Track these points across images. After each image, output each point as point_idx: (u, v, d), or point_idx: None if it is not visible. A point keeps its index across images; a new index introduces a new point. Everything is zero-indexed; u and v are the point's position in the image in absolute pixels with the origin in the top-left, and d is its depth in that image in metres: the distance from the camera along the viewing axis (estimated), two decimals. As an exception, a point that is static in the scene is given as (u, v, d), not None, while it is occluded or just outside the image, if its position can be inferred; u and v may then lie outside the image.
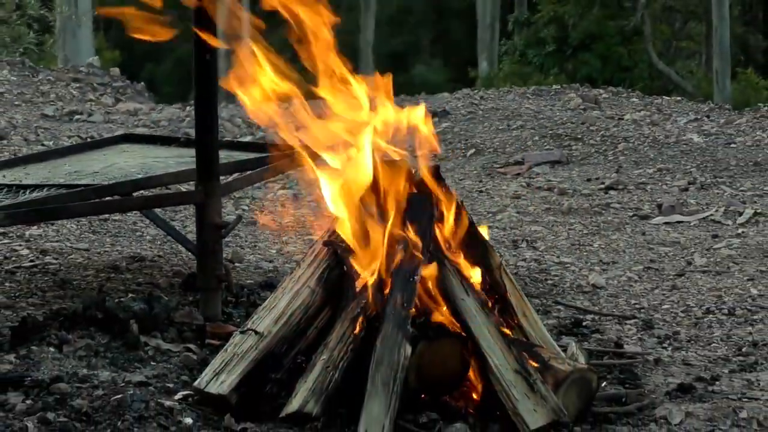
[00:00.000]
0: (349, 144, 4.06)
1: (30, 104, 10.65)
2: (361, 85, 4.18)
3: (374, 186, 3.98)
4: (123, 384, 4.00)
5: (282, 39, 4.24)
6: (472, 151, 9.46)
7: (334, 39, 4.21)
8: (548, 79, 22.07)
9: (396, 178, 3.98)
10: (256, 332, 3.86)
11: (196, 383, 3.90)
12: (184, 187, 5.57)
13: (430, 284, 3.91)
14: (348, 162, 4.04)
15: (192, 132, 5.13)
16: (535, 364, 3.84)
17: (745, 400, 4.07)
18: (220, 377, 3.82)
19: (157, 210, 5.46)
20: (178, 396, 3.92)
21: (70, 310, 4.65)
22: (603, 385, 4.08)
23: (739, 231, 6.77)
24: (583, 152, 9.27)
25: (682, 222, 7.05)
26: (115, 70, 13.90)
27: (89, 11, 19.59)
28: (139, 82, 14.08)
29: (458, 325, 3.87)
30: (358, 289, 3.90)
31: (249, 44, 4.24)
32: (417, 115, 4.16)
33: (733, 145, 9.18)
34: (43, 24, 15.95)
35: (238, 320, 4.53)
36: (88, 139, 8.31)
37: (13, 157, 7.35)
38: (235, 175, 5.42)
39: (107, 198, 5.02)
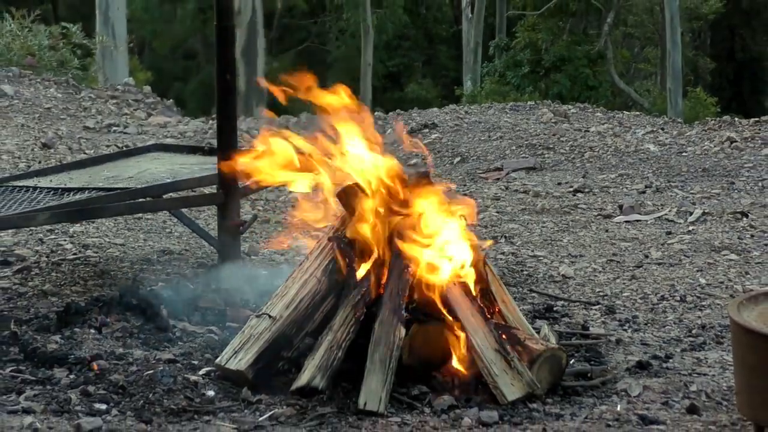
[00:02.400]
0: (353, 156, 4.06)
1: (74, 118, 10.64)
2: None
3: (374, 189, 3.98)
4: (154, 361, 4.00)
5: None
6: (458, 158, 9.46)
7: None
8: (524, 96, 22.07)
9: (392, 182, 3.98)
10: (270, 316, 3.87)
11: (217, 360, 3.91)
12: (207, 190, 5.57)
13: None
14: (352, 168, 4.05)
15: (214, 142, 5.13)
16: (513, 344, 3.84)
17: (695, 375, 4.07)
18: (239, 355, 3.82)
19: (184, 210, 5.45)
20: (202, 371, 3.92)
21: (108, 297, 4.66)
22: (571, 362, 4.08)
23: (690, 228, 6.77)
24: (554, 160, 9.27)
25: (640, 220, 7.05)
26: (147, 89, 13.89)
27: (125, 37, 19.61)
28: (168, 99, 14.07)
29: (446, 310, 3.87)
30: (358, 279, 3.91)
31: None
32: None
33: (684, 154, 9.18)
34: (85, 50, 15.95)
35: (254, 306, 4.53)
36: (124, 148, 8.30)
37: (58, 164, 7.35)
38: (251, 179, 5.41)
39: (140, 199, 5.03)
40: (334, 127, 4.11)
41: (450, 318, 3.84)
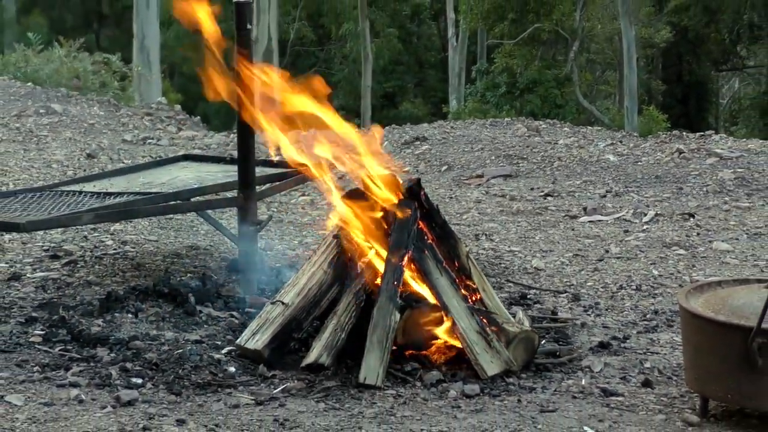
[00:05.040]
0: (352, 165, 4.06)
1: (114, 132, 10.62)
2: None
3: (371, 193, 3.98)
4: (183, 342, 4.00)
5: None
6: (445, 167, 9.44)
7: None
8: (502, 113, 22.05)
9: (388, 187, 3.97)
10: (283, 303, 3.86)
11: (237, 341, 3.90)
12: (229, 194, 5.56)
13: (413, 267, 3.91)
14: (351, 175, 4.05)
15: (235, 153, 5.12)
16: (492, 327, 3.84)
17: (649, 354, 4.08)
18: (256, 336, 3.82)
19: (209, 211, 5.45)
20: (225, 351, 3.92)
21: (143, 286, 4.65)
22: (542, 342, 4.08)
23: (644, 227, 6.77)
24: (527, 168, 9.25)
25: (601, 220, 7.04)
26: (178, 107, 13.86)
27: (158, 63, 19.61)
28: (195, 116, 14.05)
29: (434, 297, 3.87)
30: (359, 271, 3.90)
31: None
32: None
33: (639, 163, 9.17)
34: (123, 75, 15.93)
35: (269, 294, 4.53)
36: (157, 158, 8.28)
37: (100, 171, 7.33)
38: (267, 185, 5.41)
39: (171, 202, 5.02)
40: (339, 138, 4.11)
41: (438, 305, 3.84)
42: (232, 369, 3.73)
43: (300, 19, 31.88)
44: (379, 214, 3.95)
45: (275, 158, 5.12)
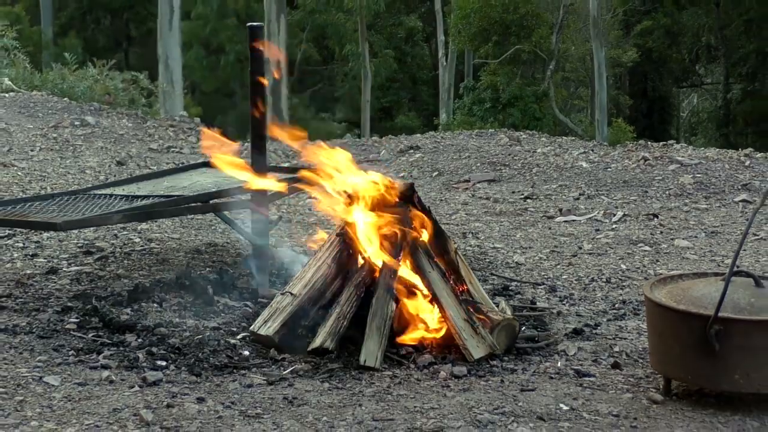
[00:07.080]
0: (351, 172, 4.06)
1: (141, 142, 10.60)
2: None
3: (370, 195, 3.97)
4: (202, 328, 3.99)
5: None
6: (436, 173, 9.44)
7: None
8: (486, 125, 22.06)
9: (385, 189, 3.97)
10: (292, 294, 3.86)
11: (251, 328, 3.90)
12: (243, 197, 5.56)
13: (408, 263, 3.91)
14: (350, 181, 4.04)
15: (249, 160, 5.11)
16: (478, 315, 3.84)
17: (618, 339, 4.07)
18: (268, 324, 3.81)
19: (225, 212, 5.44)
20: (240, 336, 3.92)
21: (167, 279, 4.65)
22: (522, 329, 4.08)
23: (614, 227, 6.77)
24: (509, 174, 9.25)
25: (575, 220, 7.05)
26: (198, 120, 13.83)
27: (180, 80, 19.58)
28: (213, 127, 14.05)
29: (427, 289, 3.87)
30: (359, 265, 3.90)
31: None
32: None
33: (609, 169, 9.17)
34: (150, 91, 15.92)
35: (279, 286, 4.52)
36: (180, 165, 8.27)
37: (129, 177, 7.32)
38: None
39: (192, 204, 5.01)
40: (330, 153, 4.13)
41: (430, 295, 3.84)
42: (247, 353, 3.73)
43: (306, 41, 31.88)
44: (378, 215, 3.95)
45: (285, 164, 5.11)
